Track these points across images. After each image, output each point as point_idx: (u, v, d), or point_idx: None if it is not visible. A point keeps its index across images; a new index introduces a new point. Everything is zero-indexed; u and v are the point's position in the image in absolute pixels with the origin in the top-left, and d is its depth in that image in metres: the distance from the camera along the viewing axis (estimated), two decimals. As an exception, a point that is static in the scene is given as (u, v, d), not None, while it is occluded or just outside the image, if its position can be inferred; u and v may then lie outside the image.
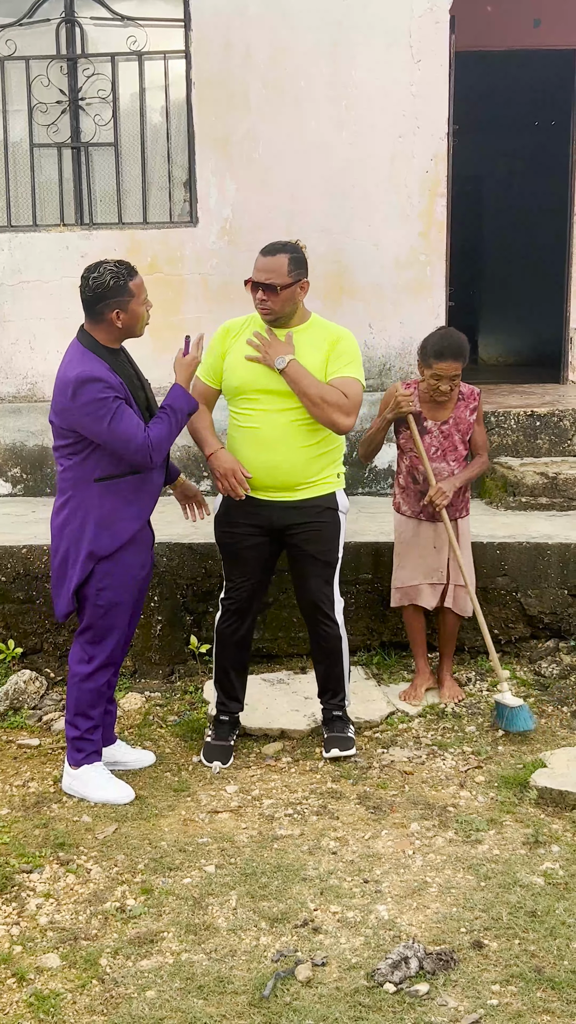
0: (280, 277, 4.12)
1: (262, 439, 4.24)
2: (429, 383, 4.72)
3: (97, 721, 4.21)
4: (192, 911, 3.42)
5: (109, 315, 3.94)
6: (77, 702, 4.17)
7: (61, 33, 6.71)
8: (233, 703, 4.58)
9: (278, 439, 4.22)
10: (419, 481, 4.84)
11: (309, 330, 4.25)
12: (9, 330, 6.81)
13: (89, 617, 4.11)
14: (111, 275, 3.91)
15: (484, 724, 4.79)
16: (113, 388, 3.90)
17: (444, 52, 6.46)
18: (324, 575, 4.38)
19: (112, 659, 4.18)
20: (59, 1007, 2.96)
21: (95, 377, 3.88)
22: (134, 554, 4.11)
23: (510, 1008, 2.93)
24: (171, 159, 6.81)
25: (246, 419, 4.27)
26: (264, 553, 4.40)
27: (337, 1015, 2.90)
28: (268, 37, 6.47)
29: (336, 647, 4.46)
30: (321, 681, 4.56)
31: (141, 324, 4.04)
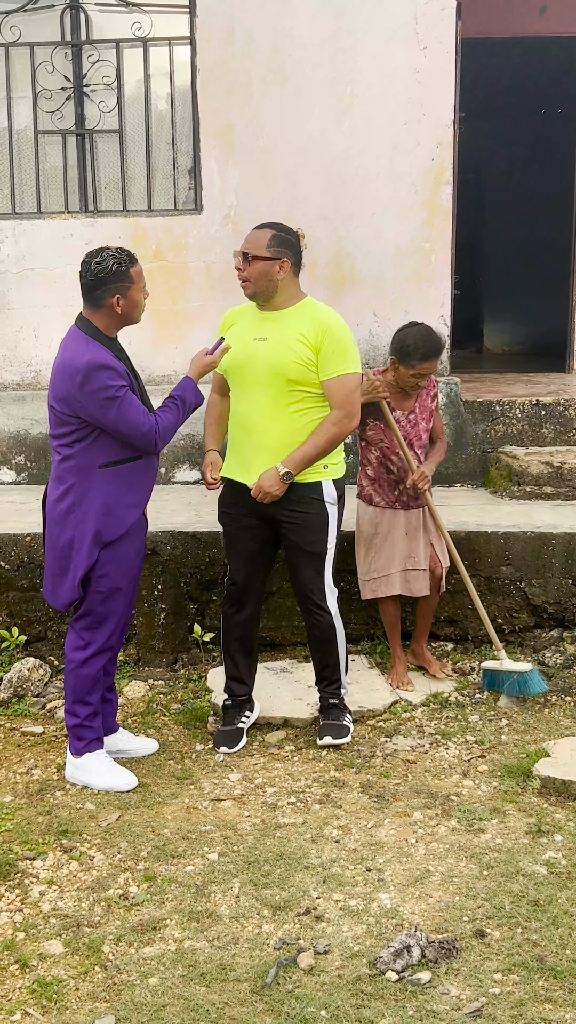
0: (257, 248, 4.18)
1: (241, 421, 4.33)
2: (407, 380, 4.77)
3: (95, 708, 4.21)
4: (195, 899, 3.42)
5: (109, 300, 3.95)
6: (75, 689, 4.18)
7: (66, 19, 6.68)
8: (238, 685, 4.60)
9: (256, 421, 4.27)
10: (392, 471, 4.87)
11: (295, 313, 4.24)
12: (13, 318, 6.80)
13: (88, 603, 4.12)
14: (113, 260, 3.93)
15: (488, 713, 4.79)
16: (121, 375, 3.92)
17: (450, 39, 6.42)
18: (313, 565, 4.37)
19: (108, 645, 4.18)
20: (62, 994, 2.97)
21: (105, 364, 3.89)
22: (133, 540, 4.13)
23: (512, 997, 2.93)
24: (176, 146, 6.79)
25: (236, 401, 4.37)
26: (258, 537, 4.42)
27: (339, 1003, 2.90)
28: (271, 23, 6.43)
29: (330, 636, 4.46)
30: (317, 669, 4.57)
31: (139, 311, 4.05)
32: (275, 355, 4.19)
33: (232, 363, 4.30)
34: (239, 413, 4.33)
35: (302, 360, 4.16)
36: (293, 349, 4.17)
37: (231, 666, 4.60)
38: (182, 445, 6.66)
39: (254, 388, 4.25)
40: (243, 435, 4.32)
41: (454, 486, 6.67)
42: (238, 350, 4.28)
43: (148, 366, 6.63)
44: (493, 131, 10.65)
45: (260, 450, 4.26)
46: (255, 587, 4.53)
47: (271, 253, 4.17)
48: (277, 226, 4.25)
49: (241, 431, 4.33)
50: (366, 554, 4.98)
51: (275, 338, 4.21)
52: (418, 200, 6.58)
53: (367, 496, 4.99)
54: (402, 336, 4.79)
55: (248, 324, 4.31)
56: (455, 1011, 2.88)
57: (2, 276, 6.78)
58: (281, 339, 4.19)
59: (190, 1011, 2.88)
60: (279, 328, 4.22)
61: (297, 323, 4.21)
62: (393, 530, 4.93)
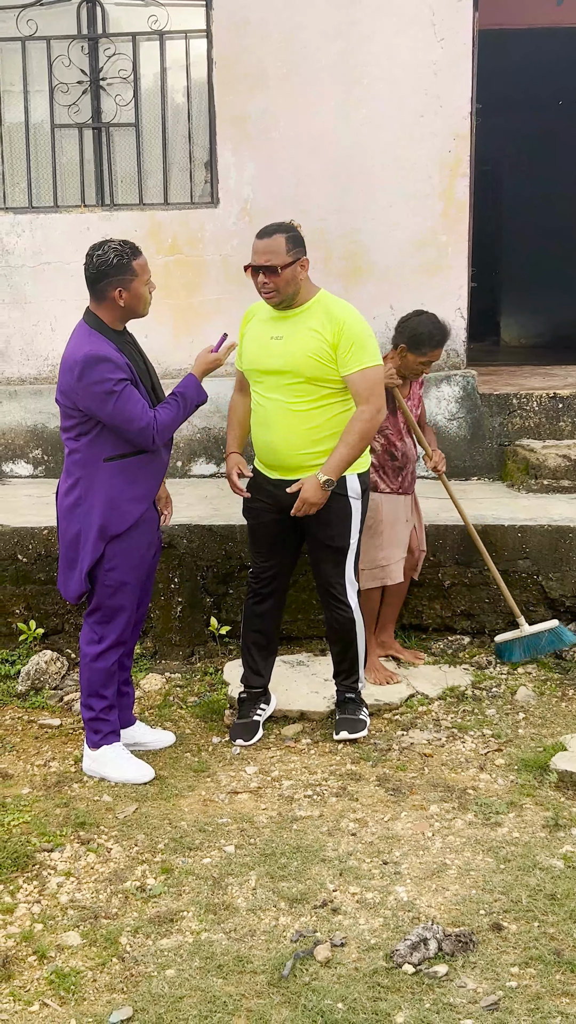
0: (279, 257, 4.10)
1: (262, 418, 4.32)
2: (415, 367, 4.80)
3: (111, 701, 4.22)
4: (212, 891, 3.43)
5: (111, 293, 3.95)
6: (89, 682, 4.19)
7: (82, 12, 6.68)
8: (254, 677, 4.61)
9: (275, 419, 4.26)
10: (397, 458, 4.88)
11: (310, 310, 4.21)
12: (30, 312, 6.82)
13: (98, 597, 4.13)
14: (114, 253, 3.92)
15: (504, 707, 4.78)
16: (120, 368, 3.91)
17: (467, 30, 6.39)
18: (335, 559, 4.37)
19: (122, 638, 4.19)
20: (79, 985, 2.99)
21: (102, 356, 3.89)
22: (142, 534, 4.13)
23: (529, 990, 2.93)
24: (192, 139, 6.79)
25: (255, 399, 4.36)
26: (280, 531, 4.42)
27: (356, 995, 2.91)
28: (287, 14, 6.41)
29: (349, 630, 4.46)
30: (335, 663, 4.58)
31: (144, 304, 4.04)
32: (292, 353, 4.17)
33: (251, 362, 4.31)
34: (260, 411, 4.33)
35: (319, 356, 4.14)
36: (309, 346, 4.15)
37: (248, 658, 4.61)
38: (198, 439, 6.67)
39: (273, 386, 4.24)
40: (264, 432, 4.31)
41: (471, 479, 6.65)
42: (256, 349, 4.28)
43: (165, 360, 6.64)
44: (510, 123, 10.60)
45: (281, 446, 4.26)
46: (277, 580, 4.53)
47: (292, 257, 4.11)
48: (283, 227, 4.18)
49: (262, 428, 4.32)
50: (372, 542, 4.90)
51: (291, 336, 4.19)
52: (434, 192, 6.55)
53: (373, 484, 4.93)
54: (413, 325, 4.79)
55: (264, 322, 4.30)
56: (472, 1004, 2.88)
57: (19, 270, 6.79)
58: (297, 337, 4.18)
59: (207, 1003, 2.89)
60: (295, 326, 4.20)
61: (312, 319, 4.19)
62: (398, 517, 4.94)
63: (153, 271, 4.13)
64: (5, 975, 3.03)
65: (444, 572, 5.38)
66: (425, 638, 5.41)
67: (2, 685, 5.11)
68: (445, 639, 5.42)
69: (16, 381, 6.88)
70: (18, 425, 6.79)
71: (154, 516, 4.23)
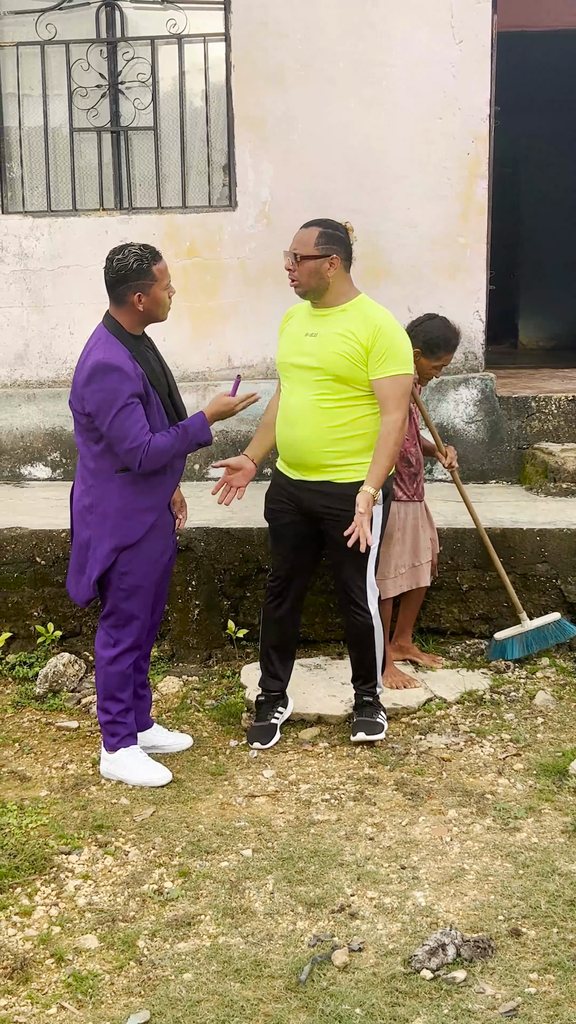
0: (305, 248, 4.17)
1: (287, 414, 4.32)
2: (427, 371, 4.82)
3: (128, 704, 4.22)
4: (229, 895, 3.43)
5: (131, 298, 3.95)
6: (105, 686, 4.19)
7: (101, 17, 6.70)
8: (272, 680, 4.60)
9: (300, 416, 4.26)
10: (412, 464, 4.85)
11: (348, 311, 4.23)
12: (49, 315, 6.84)
13: (112, 601, 4.13)
14: (135, 258, 3.93)
15: (523, 711, 4.76)
16: (131, 380, 3.89)
17: (486, 31, 6.38)
18: (355, 564, 4.33)
19: (137, 642, 4.19)
20: (97, 988, 2.99)
21: (114, 366, 3.88)
22: (155, 540, 4.11)
23: (548, 996, 2.91)
24: (210, 143, 6.79)
25: (282, 395, 4.38)
26: (301, 533, 4.41)
27: (374, 1001, 2.90)
28: (306, 16, 6.41)
29: (367, 635, 4.44)
30: (354, 667, 4.56)
31: (163, 309, 4.04)
32: (324, 352, 4.18)
33: (283, 356, 4.35)
34: (286, 407, 4.33)
35: (351, 357, 4.14)
36: (342, 347, 4.16)
37: (267, 660, 4.60)
38: (216, 442, 6.66)
39: (301, 384, 4.25)
40: (288, 429, 4.32)
41: (489, 483, 6.63)
42: (290, 344, 4.32)
43: (182, 363, 6.65)
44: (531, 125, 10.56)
45: (304, 444, 4.26)
46: (297, 583, 4.52)
47: (320, 251, 4.15)
48: (324, 223, 4.24)
49: (286, 425, 4.32)
50: (391, 549, 4.88)
51: (325, 335, 4.20)
52: (453, 193, 6.54)
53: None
54: (427, 329, 4.78)
55: (302, 320, 4.34)
56: (490, 1010, 2.86)
57: (38, 273, 6.81)
58: (331, 336, 4.19)
59: (225, 1007, 2.89)
60: (330, 325, 4.22)
61: (348, 321, 4.20)
62: (414, 523, 4.92)
63: (172, 274, 4.13)
64: (23, 978, 3.04)
65: (462, 576, 5.36)
66: (443, 642, 5.39)
67: (20, 687, 5.13)
68: (463, 643, 5.40)
69: (35, 384, 6.90)
70: (36, 428, 6.81)
71: (168, 521, 4.22)
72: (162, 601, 4.36)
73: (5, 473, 6.87)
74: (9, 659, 5.31)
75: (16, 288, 6.84)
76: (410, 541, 4.91)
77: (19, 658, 5.31)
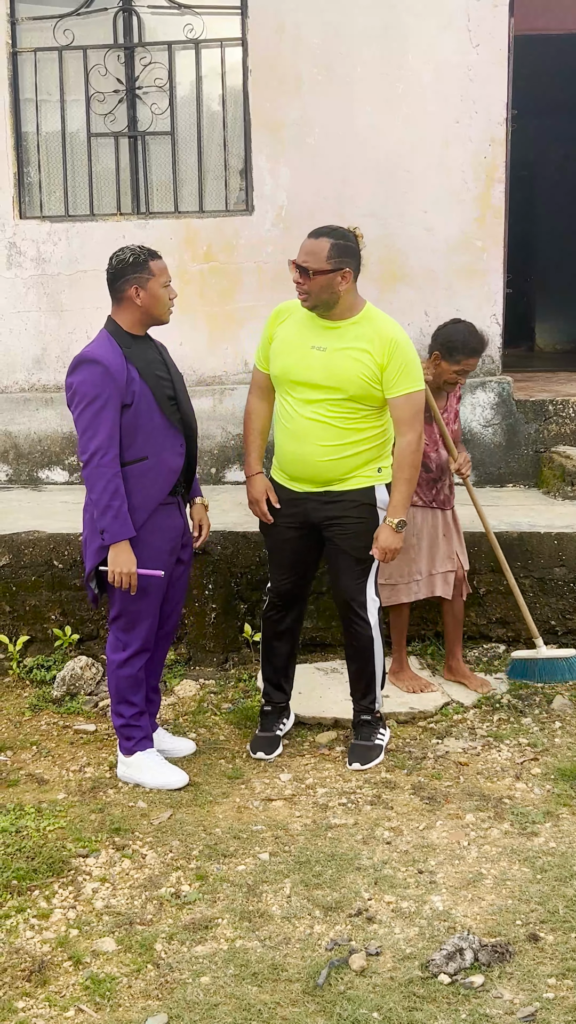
0: (317, 261, 3.96)
1: (295, 431, 4.17)
2: (449, 376, 4.71)
3: (141, 707, 4.22)
4: (246, 898, 3.43)
5: (128, 291, 3.99)
6: (117, 689, 4.20)
7: (118, 22, 6.73)
8: (276, 692, 4.56)
9: (309, 433, 4.13)
10: (431, 470, 4.78)
11: (358, 325, 4.09)
12: (66, 319, 6.86)
13: (119, 604, 4.14)
14: (131, 253, 4.01)
15: (540, 715, 4.74)
16: (110, 377, 3.89)
17: (503, 35, 6.37)
18: (357, 573, 4.27)
19: (145, 645, 4.18)
20: (114, 991, 2.99)
21: (96, 359, 3.92)
22: (159, 540, 4.09)
23: (566, 1002, 2.90)
24: (227, 147, 6.80)
25: (284, 409, 4.22)
26: (302, 547, 4.34)
27: (391, 1005, 2.89)
28: (322, 21, 6.42)
29: (367, 647, 4.35)
30: (352, 680, 4.47)
31: (163, 307, 4.05)
32: (337, 369, 4.04)
33: (287, 370, 4.14)
34: (292, 423, 4.17)
35: (367, 376, 4.03)
36: (357, 368, 4.03)
37: (270, 672, 4.54)
38: (232, 446, 6.67)
39: (311, 400, 4.11)
40: (293, 445, 4.18)
41: (506, 486, 6.62)
42: (294, 357, 4.12)
43: (199, 367, 6.67)
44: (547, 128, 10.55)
45: (315, 461, 4.15)
46: (299, 595, 4.46)
47: (332, 265, 3.95)
48: (335, 232, 4.02)
49: (294, 441, 4.18)
50: (406, 556, 4.80)
51: (337, 350, 4.05)
52: (470, 197, 6.53)
53: None
54: (448, 332, 4.74)
55: (305, 329, 4.13)
56: (508, 1015, 2.85)
57: (55, 278, 6.84)
58: (344, 353, 4.04)
59: (242, 1010, 2.89)
60: (341, 340, 4.06)
61: (360, 336, 4.05)
62: (431, 530, 4.85)
63: (188, 279, 4.16)
64: (41, 980, 3.04)
65: (479, 580, 5.35)
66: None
67: (38, 691, 5.14)
68: (480, 647, 5.39)
69: (52, 388, 6.92)
70: (54, 432, 6.83)
71: (177, 524, 4.18)
72: (177, 610, 4.36)
73: (23, 477, 6.90)
74: (27, 662, 5.33)
75: (34, 293, 6.87)
76: (427, 548, 4.85)
77: (37, 661, 5.32)
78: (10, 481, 6.92)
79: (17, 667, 5.29)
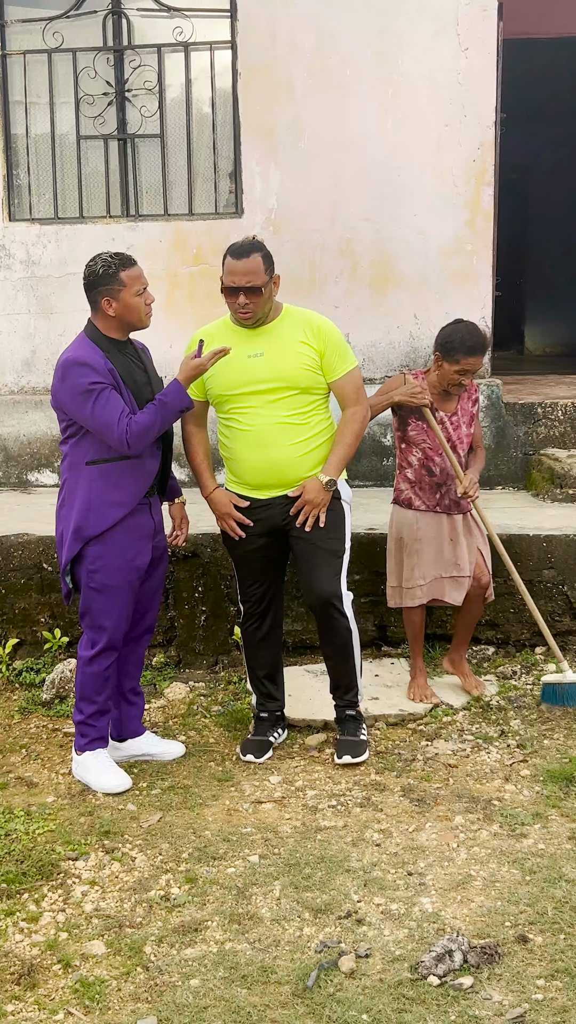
0: (259, 277, 4.07)
1: (258, 439, 4.21)
2: (451, 377, 4.65)
3: (102, 707, 4.23)
4: (236, 901, 3.43)
5: (101, 303, 4.02)
6: (82, 686, 4.22)
7: (108, 25, 6.73)
8: (270, 702, 4.57)
9: (273, 437, 4.19)
10: (435, 473, 4.75)
11: (284, 322, 4.21)
12: (56, 322, 6.86)
13: (85, 600, 4.16)
14: (102, 264, 4.00)
15: (530, 717, 4.75)
16: (98, 373, 3.95)
17: (492, 40, 6.39)
18: (332, 566, 4.30)
19: (112, 643, 4.18)
20: (104, 994, 2.99)
21: (80, 361, 3.96)
22: (128, 539, 4.11)
23: (555, 1003, 2.91)
24: (217, 150, 6.81)
25: (238, 422, 4.24)
26: (271, 553, 4.38)
27: (381, 1007, 2.89)
28: (313, 25, 6.44)
29: (347, 640, 4.37)
30: (333, 677, 4.47)
31: (139, 314, 4.05)
32: (281, 367, 4.15)
33: (233, 385, 4.19)
34: (249, 434, 4.21)
35: (309, 366, 4.17)
36: (299, 359, 4.16)
37: (259, 684, 4.56)
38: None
39: (263, 404, 4.18)
40: (261, 453, 4.21)
41: (495, 489, 6.63)
42: (236, 371, 4.17)
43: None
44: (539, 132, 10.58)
45: (283, 463, 4.21)
46: (273, 599, 4.48)
47: (269, 275, 4.12)
48: (255, 245, 4.14)
49: (257, 450, 4.22)
50: (405, 560, 4.82)
51: (274, 350, 4.16)
52: (460, 201, 6.55)
53: (406, 500, 4.83)
54: (447, 332, 4.69)
55: (235, 343, 4.17)
56: (497, 1017, 2.86)
57: (45, 280, 6.84)
58: (282, 350, 4.16)
59: (231, 1013, 2.89)
60: (277, 340, 4.17)
61: (293, 330, 4.18)
62: (435, 535, 4.80)
63: (178, 281, 4.16)
64: (30, 983, 3.04)
65: (469, 582, 5.35)
66: (450, 648, 5.38)
67: (27, 694, 5.14)
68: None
69: (42, 391, 6.92)
70: (43, 435, 6.83)
71: (148, 523, 4.19)
72: (153, 608, 4.37)
73: (12, 480, 6.89)
74: (16, 665, 5.32)
75: (23, 295, 6.86)
76: (432, 553, 4.77)
77: (26, 664, 5.32)
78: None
79: (6, 670, 5.28)
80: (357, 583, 5.30)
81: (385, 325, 6.63)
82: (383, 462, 6.67)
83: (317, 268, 6.53)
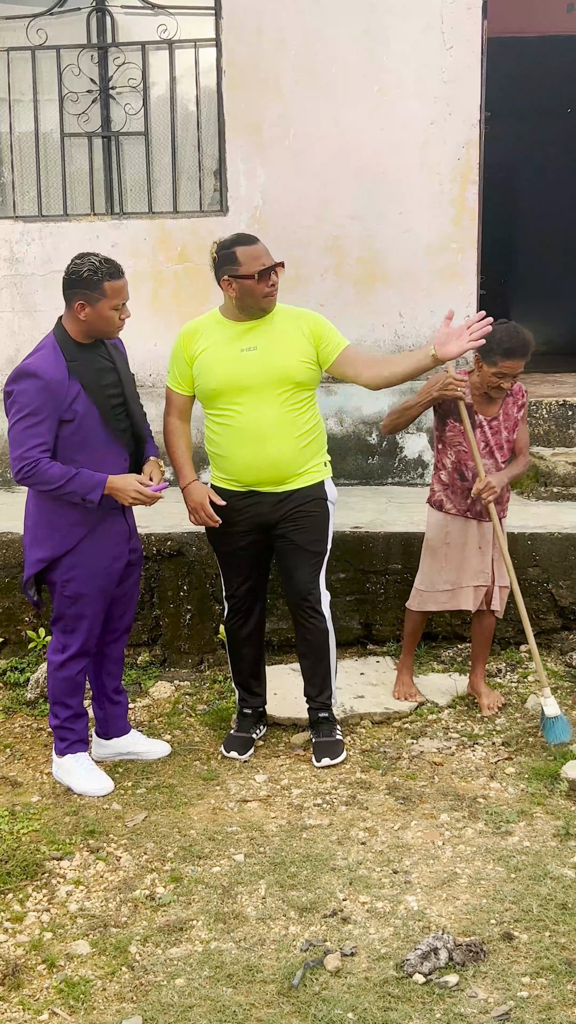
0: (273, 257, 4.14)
1: (252, 435, 4.17)
2: (490, 380, 4.45)
3: (77, 710, 4.21)
4: (221, 900, 3.42)
5: (74, 304, 3.90)
6: (54, 691, 4.19)
7: (92, 22, 6.70)
8: (254, 698, 4.58)
9: (269, 432, 4.16)
10: (467, 478, 4.60)
11: (276, 315, 4.19)
12: (39, 320, 6.82)
13: (58, 607, 4.12)
14: (89, 268, 3.85)
15: (514, 715, 4.76)
16: (49, 392, 3.81)
17: (476, 38, 6.39)
18: (312, 566, 4.30)
19: (84, 648, 4.15)
20: (89, 994, 2.98)
21: (33, 373, 3.83)
22: (102, 547, 4.05)
23: (540, 1000, 2.91)
24: (201, 148, 6.79)
25: (231, 418, 4.19)
26: (257, 550, 4.37)
27: (366, 1005, 2.89)
28: (300, 22, 6.42)
29: (323, 641, 4.37)
30: (307, 677, 4.45)
31: (108, 326, 3.93)
32: (277, 361, 4.12)
33: (228, 379, 4.13)
34: (246, 430, 4.16)
35: (307, 359, 4.15)
36: (295, 351, 4.14)
37: (242, 681, 4.56)
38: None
39: (258, 400, 4.13)
40: (257, 448, 4.17)
41: (481, 487, 6.63)
42: (231, 365, 4.13)
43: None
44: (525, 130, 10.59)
45: (280, 458, 4.18)
46: (258, 596, 4.47)
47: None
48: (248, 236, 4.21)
49: (255, 446, 4.17)
50: (432, 563, 4.71)
51: (269, 344, 4.13)
52: (446, 199, 6.55)
53: (438, 502, 4.70)
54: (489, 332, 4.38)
55: (227, 338, 4.16)
56: (483, 1014, 2.86)
57: (28, 278, 6.80)
58: (279, 343, 4.13)
59: (217, 1012, 2.88)
60: (270, 333, 4.14)
61: (283, 323, 4.17)
62: (463, 540, 4.67)
63: (163, 279, 4.12)
64: (14, 984, 3.03)
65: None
66: (435, 646, 5.39)
67: (11, 693, 5.12)
68: (455, 647, 5.41)
69: (26, 389, 6.88)
70: (28, 433, 6.79)
71: (123, 528, 4.14)
72: (129, 609, 4.34)
73: (-4, 478, 6.86)
74: (0, 664, 5.30)
75: (7, 293, 6.83)
76: (457, 558, 4.67)
77: (10, 663, 5.30)
78: (-17, 482, 6.89)
79: (-9, 669, 5.27)
80: (343, 581, 5.31)
81: (371, 323, 6.62)
82: (368, 460, 6.67)
83: (302, 265, 6.51)
